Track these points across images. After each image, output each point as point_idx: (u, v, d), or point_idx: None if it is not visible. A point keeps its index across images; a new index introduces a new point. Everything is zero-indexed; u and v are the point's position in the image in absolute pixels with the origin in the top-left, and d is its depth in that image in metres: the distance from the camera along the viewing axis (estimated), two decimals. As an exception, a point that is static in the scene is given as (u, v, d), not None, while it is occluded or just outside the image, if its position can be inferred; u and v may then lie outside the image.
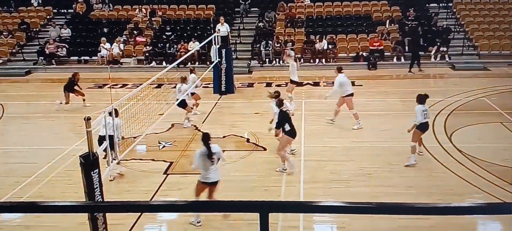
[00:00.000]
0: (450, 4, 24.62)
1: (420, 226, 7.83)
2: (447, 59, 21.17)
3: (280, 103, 10.28)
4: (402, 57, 21.39)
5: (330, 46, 21.63)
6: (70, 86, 15.53)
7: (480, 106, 15.05)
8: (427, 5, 24.72)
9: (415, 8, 23.47)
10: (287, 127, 9.99)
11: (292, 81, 15.10)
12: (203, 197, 8.04)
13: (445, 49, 21.20)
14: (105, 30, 23.72)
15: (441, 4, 24.69)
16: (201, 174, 7.98)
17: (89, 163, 7.18)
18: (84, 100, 15.68)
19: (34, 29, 24.72)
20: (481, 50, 21.52)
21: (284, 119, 10.04)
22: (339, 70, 13.06)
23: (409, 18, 23.02)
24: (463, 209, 2.05)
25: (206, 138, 7.92)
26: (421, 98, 10.50)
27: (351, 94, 12.93)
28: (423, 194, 9.24)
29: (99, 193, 7.36)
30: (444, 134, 12.51)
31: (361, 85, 18.23)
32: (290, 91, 14.92)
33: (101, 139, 9.05)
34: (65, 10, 26.17)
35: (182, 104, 12.86)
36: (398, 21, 23.14)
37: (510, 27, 22.25)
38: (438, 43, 21.20)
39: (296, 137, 10.55)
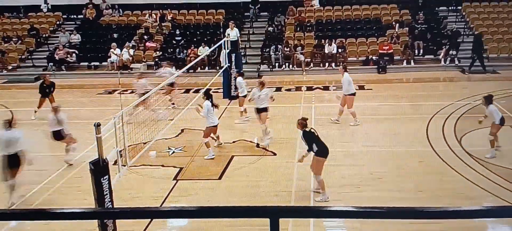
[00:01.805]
0: (459, 8, 24.46)
1: (431, 230, 7.78)
2: (456, 62, 21.03)
3: (303, 125, 9.34)
4: (412, 61, 21.30)
5: (339, 50, 21.60)
6: (42, 91, 15.24)
7: (490, 110, 14.88)
8: (436, 8, 24.58)
9: (424, 11, 23.36)
10: (314, 148, 9.14)
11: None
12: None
13: (454, 52, 21.07)
14: (115, 35, 23.87)
15: (450, 8, 24.54)
16: (210, 120, 11.25)
17: (98, 169, 7.22)
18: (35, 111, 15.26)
19: (44, 35, 24.96)
20: (490, 54, 21.35)
21: (310, 139, 9.24)
22: (345, 68, 13.74)
23: (419, 21, 22.93)
24: (474, 213, 2.03)
25: (209, 93, 11.50)
26: (491, 99, 11.12)
27: (354, 94, 13.44)
28: (433, 198, 9.18)
29: (109, 200, 7.38)
30: (454, 138, 12.43)
31: (371, 89, 18.18)
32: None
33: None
34: (75, 16, 26.40)
35: None
36: (408, 24, 23.04)
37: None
38: (447, 47, 21.07)
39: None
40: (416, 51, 21.61)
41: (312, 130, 9.38)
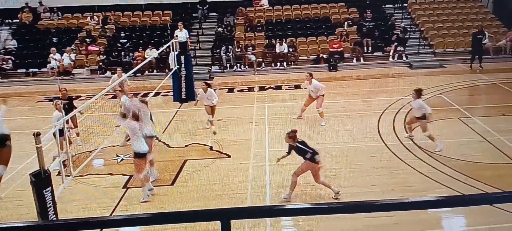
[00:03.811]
0: (405, 5, 25.18)
1: (384, 223, 7.82)
2: (404, 58, 21.61)
3: (293, 138, 9.11)
4: (361, 58, 21.67)
5: (290, 50, 21.66)
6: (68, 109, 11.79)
7: (437, 103, 15.35)
8: (383, 6, 25.18)
9: (372, 9, 23.87)
10: (309, 155, 9.00)
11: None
12: None
13: (402, 48, 21.63)
14: (55, 40, 22.74)
15: (396, 5, 25.20)
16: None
17: (40, 181, 6.85)
18: (77, 134, 12.11)
19: (-24, 42, 23.44)
20: (436, 49, 22.09)
21: (305, 150, 9.01)
22: (311, 75, 13.75)
23: (367, 19, 23.38)
24: (424, 203, 2.09)
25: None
26: (421, 92, 11.52)
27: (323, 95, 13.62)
28: (386, 192, 9.28)
29: (53, 212, 7.03)
30: (404, 132, 12.65)
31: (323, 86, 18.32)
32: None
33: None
34: (10, 21, 24.89)
35: None
36: (356, 22, 23.45)
37: (464, 25, 22.95)
38: (395, 43, 21.60)
39: (261, 142, 10.34)
40: (365, 49, 22.01)
41: (301, 140, 9.20)
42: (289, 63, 21.53)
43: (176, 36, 17.42)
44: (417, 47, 22.15)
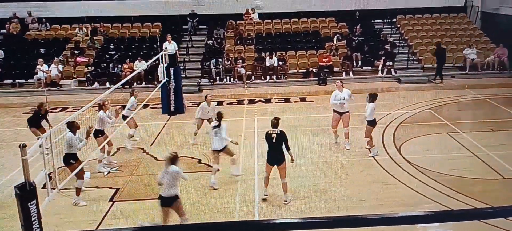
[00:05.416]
0: (394, 20, 25.42)
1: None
2: (393, 73, 21.76)
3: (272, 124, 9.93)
4: (350, 72, 21.76)
5: (280, 63, 21.72)
6: (35, 121, 12.58)
7: (426, 118, 15.47)
8: (372, 21, 25.38)
9: (361, 24, 24.05)
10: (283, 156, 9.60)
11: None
12: None
13: (390, 63, 21.79)
14: (42, 50, 22.53)
15: (385, 20, 25.43)
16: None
17: (25, 193, 6.71)
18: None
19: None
20: (425, 64, 22.27)
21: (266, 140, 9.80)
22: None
23: (356, 34, 23.55)
24: (413, 219, 2.11)
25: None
26: (375, 97, 12.17)
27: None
28: (375, 206, 9.27)
29: (38, 225, 6.88)
30: (393, 146, 12.68)
31: (312, 101, 18.39)
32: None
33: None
34: None
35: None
36: (345, 36, 23.60)
37: (452, 41, 23.22)
38: (384, 58, 21.75)
39: (251, 156, 10.30)
40: (355, 63, 22.12)
41: (270, 133, 9.63)
42: (279, 76, 21.57)
43: (165, 48, 17.35)
44: (406, 62, 22.33)
